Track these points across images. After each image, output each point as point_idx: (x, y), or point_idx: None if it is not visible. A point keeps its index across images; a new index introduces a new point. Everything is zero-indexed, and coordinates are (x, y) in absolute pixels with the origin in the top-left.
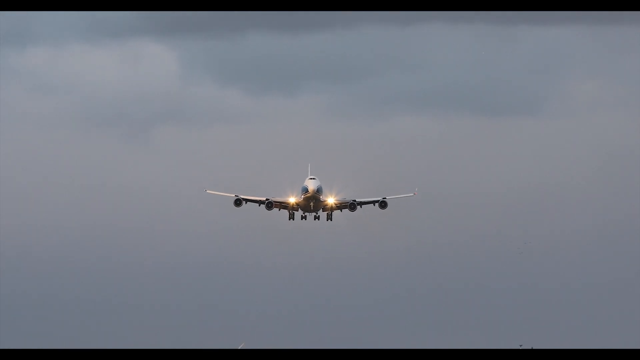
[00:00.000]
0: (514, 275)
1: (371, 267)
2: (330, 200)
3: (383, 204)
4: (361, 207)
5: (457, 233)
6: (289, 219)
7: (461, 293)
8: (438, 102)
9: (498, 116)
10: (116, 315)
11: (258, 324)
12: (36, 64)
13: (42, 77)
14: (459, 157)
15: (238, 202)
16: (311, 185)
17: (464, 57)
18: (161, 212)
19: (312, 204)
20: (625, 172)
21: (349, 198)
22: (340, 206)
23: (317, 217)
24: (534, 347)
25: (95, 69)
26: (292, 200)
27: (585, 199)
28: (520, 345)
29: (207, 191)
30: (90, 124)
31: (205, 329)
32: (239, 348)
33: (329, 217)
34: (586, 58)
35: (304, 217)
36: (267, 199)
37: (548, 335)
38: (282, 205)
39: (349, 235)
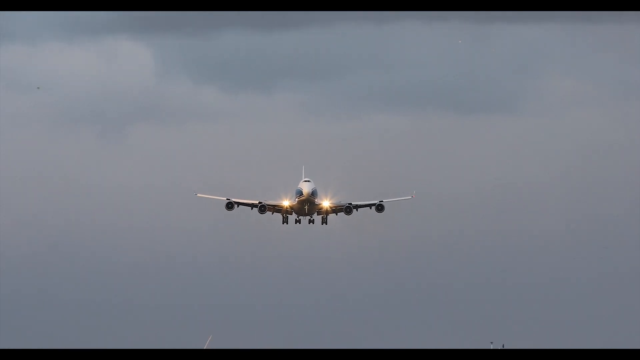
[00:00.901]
0: (497, 274)
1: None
2: (325, 204)
3: (380, 207)
4: (357, 210)
5: (437, 231)
6: (283, 223)
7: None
8: (414, 100)
9: (474, 114)
10: (88, 315)
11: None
12: (11, 62)
13: (18, 75)
14: (436, 155)
15: (230, 205)
16: (306, 188)
17: (440, 55)
18: (137, 211)
19: (306, 207)
20: (601, 168)
21: (345, 201)
22: (336, 209)
23: (311, 221)
24: (504, 346)
25: (71, 66)
26: (285, 203)
27: (563, 196)
28: (491, 343)
29: (198, 195)
30: (66, 122)
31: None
32: (207, 344)
33: (324, 221)
34: (562, 56)
35: (298, 221)
36: (259, 202)
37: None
38: (276, 209)
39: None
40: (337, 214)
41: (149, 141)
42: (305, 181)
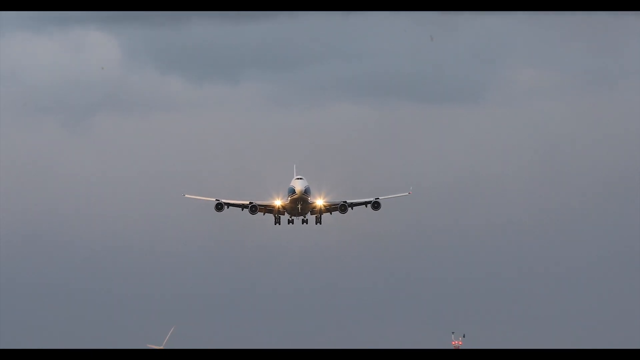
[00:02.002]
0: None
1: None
2: (319, 202)
3: (376, 205)
4: (352, 208)
5: (400, 223)
6: (275, 224)
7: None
8: (379, 90)
9: (438, 104)
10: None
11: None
12: None
13: None
14: (400, 144)
15: (219, 206)
16: (298, 186)
17: (405, 45)
18: (102, 201)
19: (299, 206)
20: (565, 157)
21: (339, 199)
22: (330, 208)
23: (305, 221)
24: (465, 336)
25: (37, 56)
26: (277, 203)
27: (524, 185)
28: (452, 333)
29: (186, 195)
30: (31, 112)
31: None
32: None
33: (318, 221)
34: (527, 46)
35: (290, 222)
36: (250, 203)
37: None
38: (267, 209)
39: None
40: (331, 213)
41: (114, 131)
42: (298, 179)
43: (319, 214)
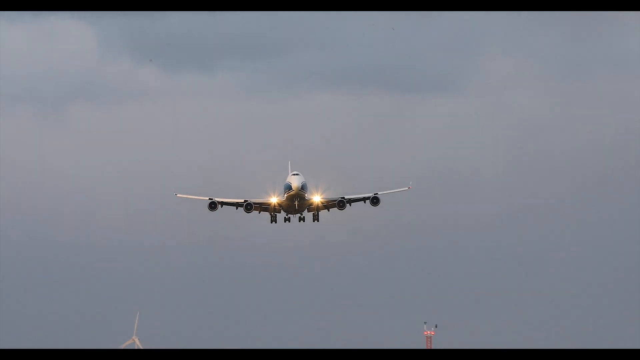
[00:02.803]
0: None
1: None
2: (316, 199)
3: (375, 201)
4: (350, 204)
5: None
6: (271, 222)
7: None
8: (355, 80)
9: (415, 94)
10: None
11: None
12: None
13: None
14: (377, 134)
15: (213, 205)
16: (295, 182)
17: (381, 36)
18: (78, 192)
19: (296, 203)
20: (540, 147)
21: (337, 195)
22: (328, 205)
23: (301, 219)
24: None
25: (11, 45)
26: (273, 200)
27: (501, 174)
28: (425, 323)
29: (177, 195)
30: (4, 101)
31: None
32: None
33: (316, 218)
34: (502, 36)
35: (287, 220)
36: (245, 201)
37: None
38: (263, 207)
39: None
40: (329, 210)
41: (89, 120)
42: (294, 174)
43: (316, 211)
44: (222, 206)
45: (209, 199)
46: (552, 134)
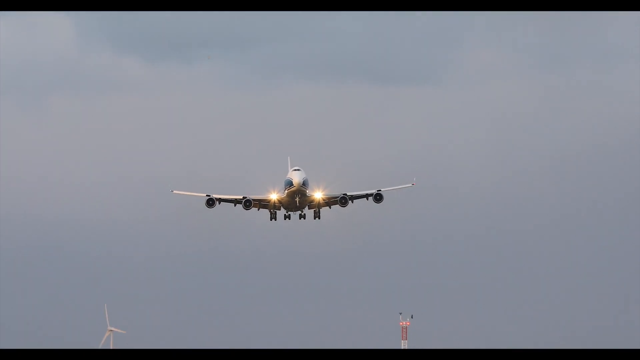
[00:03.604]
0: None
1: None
2: (318, 195)
3: (378, 197)
4: (352, 201)
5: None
6: (271, 220)
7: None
8: (334, 71)
9: (395, 85)
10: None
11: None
12: None
13: None
14: (356, 126)
15: (211, 202)
16: (296, 178)
17: (361, 26)
18: (60, 186)
19: (297, 199)
20: (520, 138)
21: (339, 191)
22: (329, 201)
23: (302, 216)
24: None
25: None
26: (273, 197)
27: (480, 166)
28: (400, 314)
29: (174, 191)
30: None
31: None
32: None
33: (317, 215)
34: (483, 28)
35: (287, 217)
36: (244, 197)
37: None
38: (262, 204)
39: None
40: (330, 207)
41: (69, 112)
42: (295, 170)
43: (317, 207)
44: (219, 203)
45: (207, 195)
46: (533, 126)
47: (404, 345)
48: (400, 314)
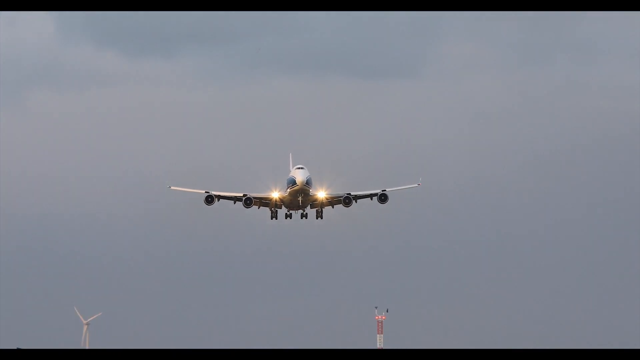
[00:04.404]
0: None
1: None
2: (321, 194)
3: (383, 198)
4: (356, 201)
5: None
6: (271, 218)
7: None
8: (315, 65)
9: (375, 79)
10: None
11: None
12: None
13: None
14: (337, 119)
15: (210, 199)
16: (299, 176)
17: (341, 20)
18: (36, 181)
19: (300, 199)
20: (499, 131)
21: (342, 191)
22: (333, 201)
23: (304, 215)
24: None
25: None
26: (275, 195)
27: (459, 160)
28: (376, 308)
29: (171, 187)
30: None
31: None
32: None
33: (319, 215)
34: (462, 21)
35: (288, 216)
36: (244, 195)
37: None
38: (263, 202)
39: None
40: (333, 206)
41: (48, 106)
42: (298, 168)
43: (320, 207)
44: (218, 200)
45: (205, 192)
46: (512, 120)
47: (379, 339)
48: (376, 308)
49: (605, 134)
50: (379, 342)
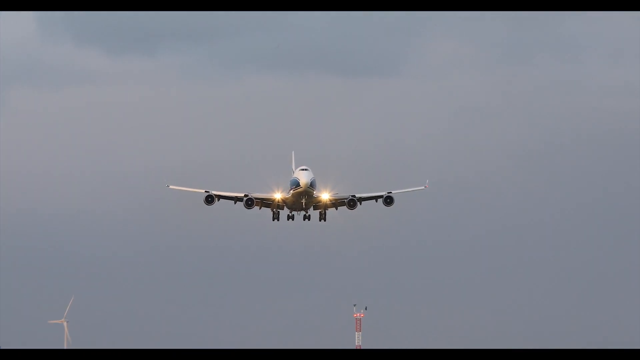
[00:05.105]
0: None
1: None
2: (325, 196)
3: (388, 200)
4: (361, 203)
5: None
6: (273, 220)
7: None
8: (296, 63)
9: (356, 77)
10: None
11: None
12: None
13: None
14: (318, 117)
15: (210, 198)
16: (303, 178)
17: (321, 18)
18: (15, 178)
19: (303, 201)
20: (480, 129)
21: (347, 193)
22: (337, 203)
23: (307, 217)
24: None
25: None
26: (277, 196)
27: (441, 159)
28: (354, 306)
29: (170, 186)
30: None
31: None
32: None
33: (322, 217)
34: (443, 19)
35: (291, 217)
36: (245, 195)
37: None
38: (265, 203)
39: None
40: (337, 208)
41: (28, 104)
42: (302, 169)
43: (323, 209)
44: (219, 200)
45: (205, 191)
46: (494, 118)
47: (357, 337)
48: (355, 305)
49: (587, 132)
50: (357, 340)
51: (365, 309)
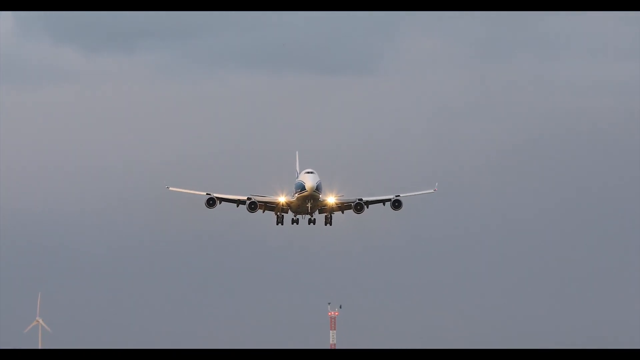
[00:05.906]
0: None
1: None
2: (331, 200)
3: (397, 204)
4: (368, 207)
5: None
6: (277, 224)
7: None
8: (274, 61)
9: (334, 74)
10: None
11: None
12: None
13: None
14: (296, 115)
15: (211, 201)
16: (309, 182)
17: (300, 15)
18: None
19: (309, 204)
20: (458, 127)
21: (354, 196)
22: (343, 207)
23: (312, 221)
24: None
25: None
26: (281, 199)
27: (420, 157)
28: (329, 304)
29: (170, 188)
30: None
31: None
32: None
33: (328, 221)
34: (422, 16)
35: (295, 221)
36: (248, 198)
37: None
38: (268, 206)
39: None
40: (343, 212)
41: (4, 103)
42: (308, 172)
43: (329, 213)
44: (220, 203)
45: (207, 194)
46: (472, 117)
47: (332, 336)
48: (329, 303)
49: (567, 130)
50: (332, 339)
51: (340, 307)
